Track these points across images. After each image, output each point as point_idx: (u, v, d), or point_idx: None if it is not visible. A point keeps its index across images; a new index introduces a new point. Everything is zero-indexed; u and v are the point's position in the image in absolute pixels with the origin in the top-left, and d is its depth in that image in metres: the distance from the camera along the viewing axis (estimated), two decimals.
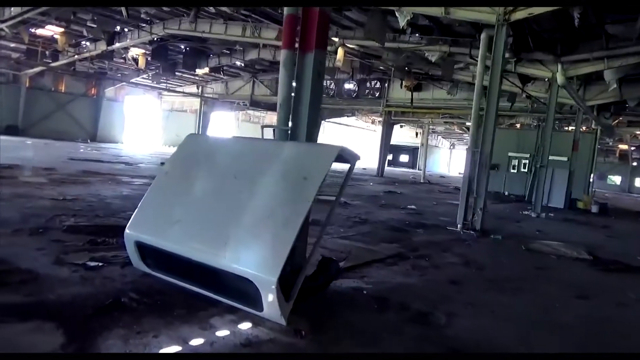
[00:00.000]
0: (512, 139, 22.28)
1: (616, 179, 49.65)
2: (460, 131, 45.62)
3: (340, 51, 18.56)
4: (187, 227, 3.32)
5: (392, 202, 12.47)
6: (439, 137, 59.04)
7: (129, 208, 6.90)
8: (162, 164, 17.66)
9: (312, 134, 3.93)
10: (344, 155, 3.36)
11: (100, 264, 3.90)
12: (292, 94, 4.03)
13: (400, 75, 19.97)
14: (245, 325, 3.00)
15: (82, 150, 20.72)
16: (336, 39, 17.29)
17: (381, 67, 21.54)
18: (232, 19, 18.61)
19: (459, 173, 27.13)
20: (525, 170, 21.43)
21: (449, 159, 62.92)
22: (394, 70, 19.69)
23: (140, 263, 3.68)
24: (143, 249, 3.57)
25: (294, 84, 4.01)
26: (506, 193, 20.90)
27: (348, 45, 16.93)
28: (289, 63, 4.07)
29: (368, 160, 54.92)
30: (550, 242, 7.91)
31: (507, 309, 4.06)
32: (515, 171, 21.91)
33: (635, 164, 48.00)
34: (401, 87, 23.20)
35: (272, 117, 48.78)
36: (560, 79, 11.90)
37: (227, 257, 3.01)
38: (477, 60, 12.71)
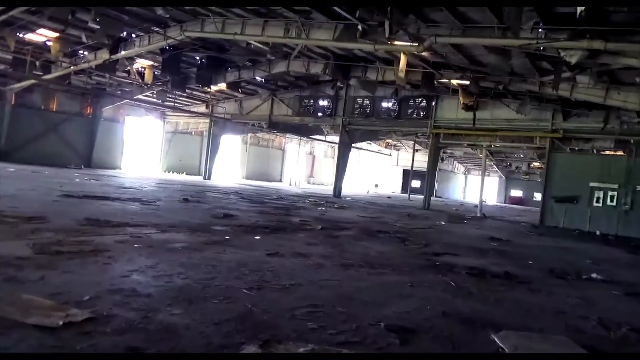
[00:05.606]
0: (594, 166, 18.81)
1: None
2: (480, 156, 42.33)
3: (403, 58, 14.96)
4: None
5: (550, 264, 8.61)
6: (455, 161, 55.58)
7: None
8: (186, 199, 13.63)
9: None
10: None
11: None
12: None
13: (475, 89, 16.32)
14: None
15: (77, 180, 16.71)
16: (415, 43, 13.71)
17: (441, 80, 18.04)
18: (271, 16, 15.03)
19: (483, 201, 22.80)
20: (614, 203, 18.12)
21: (464, 185, 59.68)
22: (471, 83, 16.00)
23: None
24: None
25: None
26: (597, 232, 17.40)
27: (432, 44, 13.23)
28: None
29: (386, 185, 51.79)
30: None
31: None
32: (600, 204, 18.37)
33: None
34: (459, 106, 19.68)
35: (281, 140, 44.86)
36: None
37: None
38: None
